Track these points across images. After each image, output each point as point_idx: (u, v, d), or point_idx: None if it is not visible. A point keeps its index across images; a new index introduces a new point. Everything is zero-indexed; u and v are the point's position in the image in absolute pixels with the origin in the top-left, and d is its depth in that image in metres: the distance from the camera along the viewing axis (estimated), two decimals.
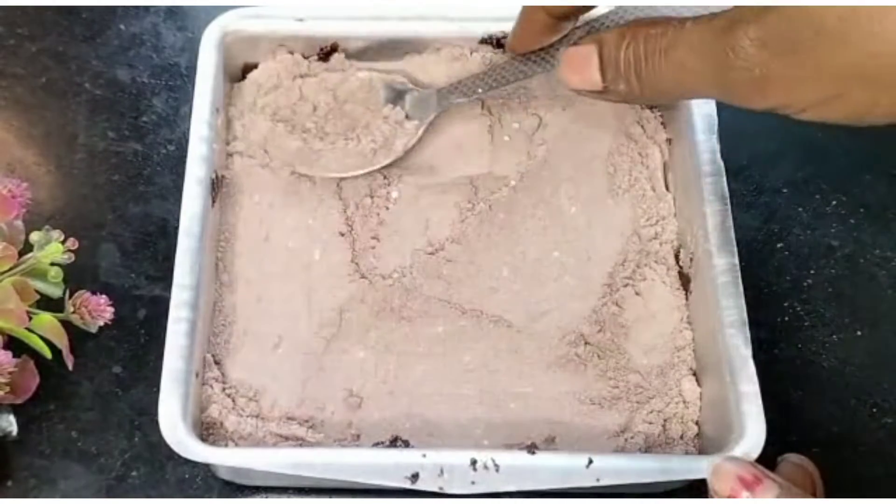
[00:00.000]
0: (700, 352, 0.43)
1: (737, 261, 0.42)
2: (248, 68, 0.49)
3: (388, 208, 0.46)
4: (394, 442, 0.41)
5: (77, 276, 0.45)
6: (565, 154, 0.48)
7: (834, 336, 0.48)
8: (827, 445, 0.45)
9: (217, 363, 0.42)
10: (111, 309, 0.44)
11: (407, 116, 0.46)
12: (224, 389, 0.42)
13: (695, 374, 0.43)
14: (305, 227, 0.45)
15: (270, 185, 0.46)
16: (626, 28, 0.35)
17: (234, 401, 0.42)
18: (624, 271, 0.45)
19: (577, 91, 0.38)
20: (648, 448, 0.41)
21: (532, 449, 0.40)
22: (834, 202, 0.52)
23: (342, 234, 0.45)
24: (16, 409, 0.45)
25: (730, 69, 0.31)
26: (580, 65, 0.36)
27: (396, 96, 0.47)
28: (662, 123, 0.49)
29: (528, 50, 0.42)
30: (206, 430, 0.41)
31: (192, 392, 0.40)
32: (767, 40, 0.29)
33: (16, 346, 0.42)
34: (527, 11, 0.41)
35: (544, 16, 0.39)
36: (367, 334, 0.43)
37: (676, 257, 0.46)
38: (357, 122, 0.47)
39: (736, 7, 0.31)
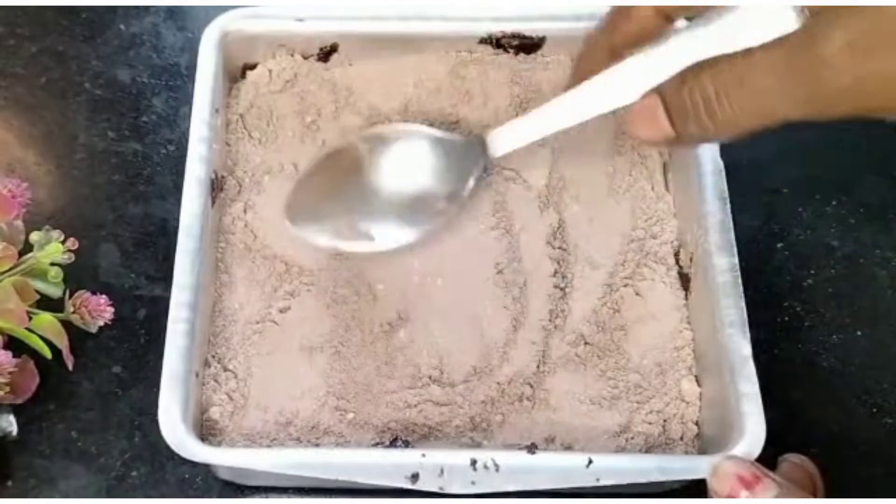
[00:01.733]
0: (700, 352, 0.43)
1: (737, 261, 0.42)
2: (247, 68, 0.49)
3: None
4: (394, 442, 0.41)
5: (77, 276, 0.45)
6: (565, 154, 0.48)
7: (834, 336, 0.48)
8: (827, 445, 0.45)
9: (217, 363, 0.42)
10: (111, 309, 0.44)
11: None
12: (224, 389, 0.42)
13: (695, 375, 0.43)
14: None
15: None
16: (685, 73, 0.34)
17: (234, 401, 0.42)
18: (624, 271, 0.45)
19: (652, 143, 0.36)
20: (648, 448, 0.41)
21: (532, 449, 0.40)
22: (834, 202, 0.52)
23: None
24: (16, 409, 0.45)
25: (817, 81, 0.30)
26: (648, 117, 0.35)
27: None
28: None
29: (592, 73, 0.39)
30: (206, 430, 0.41)
31: (192, 392, 0.40)
32: (855, 43, 0.29)
33: (16, 346, 0.42)
34: (615, 18, 0.39)
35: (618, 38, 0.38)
36: (364, 335, 0.43)
37: (676, 257, 0.46)
38: None
39: (812, 21, 0.31)
